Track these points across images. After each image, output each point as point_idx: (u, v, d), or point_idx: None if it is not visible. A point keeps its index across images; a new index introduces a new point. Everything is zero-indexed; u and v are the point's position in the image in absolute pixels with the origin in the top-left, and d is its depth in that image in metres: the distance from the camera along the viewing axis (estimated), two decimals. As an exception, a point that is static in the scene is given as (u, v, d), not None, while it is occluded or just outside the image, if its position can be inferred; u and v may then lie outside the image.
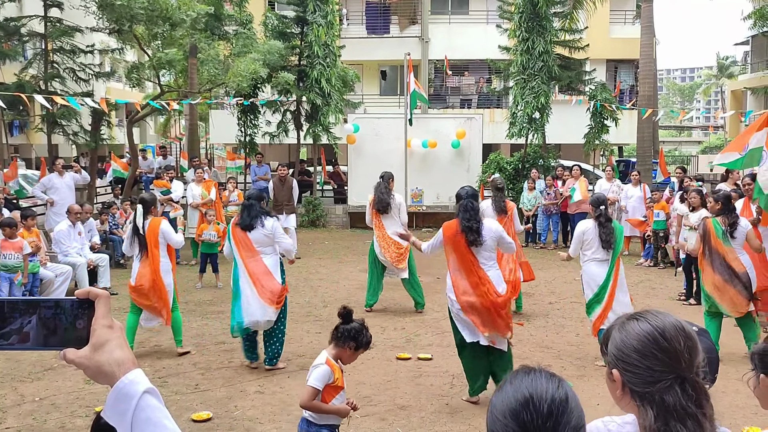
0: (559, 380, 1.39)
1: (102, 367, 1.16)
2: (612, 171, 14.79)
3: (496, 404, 1.39)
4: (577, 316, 8.87)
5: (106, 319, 1.19)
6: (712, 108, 77.38)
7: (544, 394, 1.34)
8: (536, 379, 1.38)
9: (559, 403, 1.33)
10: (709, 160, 28.58)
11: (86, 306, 1.20)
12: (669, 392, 1.52)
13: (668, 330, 1.57)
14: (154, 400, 1.16)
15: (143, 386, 1.15)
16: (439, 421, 5.55)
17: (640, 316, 1.62)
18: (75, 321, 1.19)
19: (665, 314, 1.63)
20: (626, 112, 21.10)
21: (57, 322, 1.19)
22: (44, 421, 5.48)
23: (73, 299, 1.20)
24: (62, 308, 1.19)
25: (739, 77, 43.75)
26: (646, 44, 17.71)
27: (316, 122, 17.94)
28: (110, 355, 1.17)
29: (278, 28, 18.25)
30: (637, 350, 1.56)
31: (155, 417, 1.14)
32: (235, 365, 6.90)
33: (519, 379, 1.40)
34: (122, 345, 1.19)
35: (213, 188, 12.54)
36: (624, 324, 1.63)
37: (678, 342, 1.56)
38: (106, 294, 1.23)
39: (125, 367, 1.16)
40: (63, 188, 12.39)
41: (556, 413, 1.32)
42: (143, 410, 1.14)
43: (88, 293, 1.20)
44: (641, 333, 1.57)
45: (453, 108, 26.98)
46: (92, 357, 1.17)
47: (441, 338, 7.91)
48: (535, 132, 17.51)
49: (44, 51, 14.62)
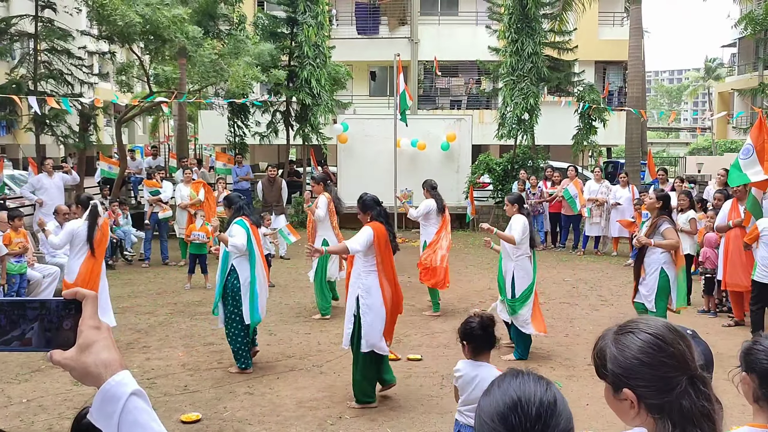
0: (547, 383, 1.37)
1: (88, 368, 1.14)
2: (600, 171, 14.84)
3: (484, 407, 1.37)
4: (566, 317, 8.91)
5: (93, 319, 1.17)
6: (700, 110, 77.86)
7: (532, 397, 1.32)
8: (524, 382, 1.36)
9: (548, 406, 1.32)
10: (697, 161, 28.73)
11: (73, 307, 1.18)
12: (685, 396, 1.50)
13: (666, 334, 1.55)
14: (141, 402, 1.14)
15: (130, 388, 1.14)
16: (429, 421, 5.55)
17: (632, 327, 1.59)
18: (62, 322, 1.17)
19: (653, 319, 1.61)
20: (614, 114, 21.19)
21: (43, 323, 1.16)
22: (32, 423, 5.44)
23: (59, 300, 1.18)
24: (48, 309, 1.17)
25: (726, 79, 44.08)
26: (635, 46, 17.79)
27: (306, 123, 17.92)
28: (97, 357, 1.15)
29: (269, 28, 18.22)
30: (645, 363, 1.53)
31: (142, 419, 1.13)
32: (224, 366, 6.87)
33: (507, 382, 1.38)
34: (109, 346, 1.17)
35: (201, 189, 12.48)
36: (618, 340, 1.59)
37: (678, 343, 1.54)
38: (94, 294, 1.21)
39: (112, 369, 1.14)
40: (52, 189, 12.32)
41: (544, 416, 1.31)
42: (130, 412, 1.12)
43: (75, 293, 1.18)
44: (643, 345, 1.54)
45: (442, 109, 27.02)
46: (79, 358, 1.15)
47: (430, 339, 7.92)
48: (524, 133, 17.55)
49: (34, 51, 14.54)
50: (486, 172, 17.69)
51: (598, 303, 9.85)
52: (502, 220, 16.42)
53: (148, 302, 9.75)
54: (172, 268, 12.38)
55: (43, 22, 14.65)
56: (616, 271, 12.28)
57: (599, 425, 5.28)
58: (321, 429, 5.38)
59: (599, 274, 12.03)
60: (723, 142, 41.84)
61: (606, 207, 13.84)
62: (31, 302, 1.18)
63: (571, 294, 10.39)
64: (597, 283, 11.26)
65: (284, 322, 8.70)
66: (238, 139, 18.82)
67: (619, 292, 10.33)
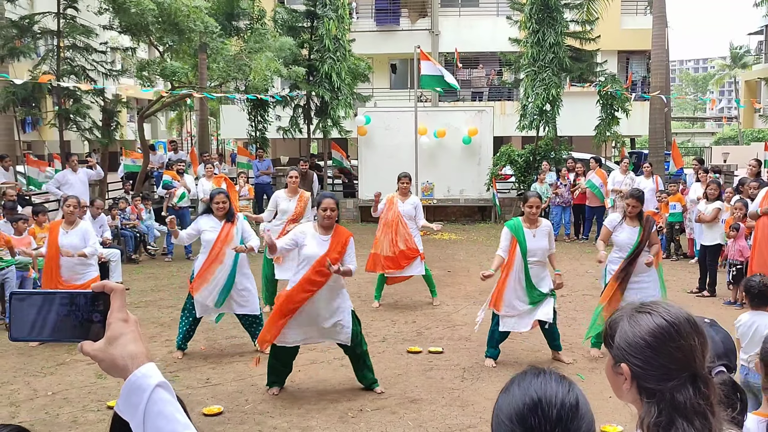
0: (569, 383, 1.32)
1: (116, 360, 1.18)
2: (627, 163, 14.66)
3: (502, 406, 1.31)
4: (589, 309, 8.80)
5: (121, 312, 1.21)
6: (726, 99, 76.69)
7: (553, 399, 1.27)
8: (546, 382, 1.30)
9: (569, 408, 1.26)
10: (723, 151, 28.31)
11: (101, 299, 1.21)
12: (681, 390, 1.45)
13: (682, 325, 1.50)
14: (166, 394, 1.16)
15: (155, 380, 1.16)
16: (450, 414, 5.53)
17: (652, 309, 1.54)
18: (91, 314, 1.21)
19: (677, 307, 1.55)
20: (638, 104, 20.92)
21: (73, 315, 1.21)
22: (57, 416, 5.51)
23: (88, 292, 1.21)
24: (78, 302, 1.21)
25: (753, 67, 43.34)
26: (658, 35, 17.54)
27: (326, 116, 17.93)
28: (124, 349, 1.18)
29: (288, 23, 18.23)
30: (650, 346, 1.48)
31: (167, 410, 1.15)
32: (246, 360, 6.90)
33: (528, 381, 1.32)
34: (136, 339, 1.20)
35: (223, 183, 12.54)
36: (634, 316, 1.54)
37: (692, 338, 1.49)
38: (122, 288, 1.24)
39: (138, 361, 1.17)
40: (77, 184, 12.45)
41: (565, 419, 1.25)
42: (155, 403, 1.14)
43: (104, 287, 1.22)
44: (655, 328, 1.49)
45: (464, 101, 26.89)
46: (107, 350, 1.18)
47: (452, 332, 7.89)
48: (546, 124, 17.40)
49: (57, 48, 14.67)
50: (508, 164, 17.57)
51: (621, 295, 9.74)
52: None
53: (171, 296, 9.82)
54: (192, 262, 12.44)
55: (66, 19, 14.78)
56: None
57: (622, 418, 5.22)
58: (342, 421, 5.39)
59: (623, 265, 11.89)
60: (749, 132, 41.20)
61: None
62: (61, 294, 1.22)
63: (594, 286, 10.28)
64: (620, 274, 11.14)
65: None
66: (258, 133, 18.88)
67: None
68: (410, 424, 5.33)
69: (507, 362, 6.83)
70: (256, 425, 5.32)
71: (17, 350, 7.17)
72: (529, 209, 6.60)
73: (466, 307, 9.05)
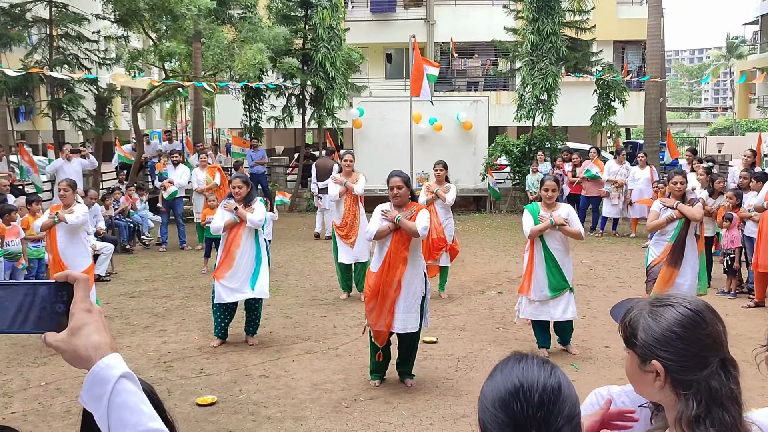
0: (552, 367, 1.31)
1: (78, 351, 1.14)
2: (624, 155, 14.61)
3: (486, 393, 1.31)
4: (583, 299, 8.82)
5: (84, 302, 1.18)
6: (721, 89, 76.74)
7: (535, 383, 1.26)
8: (528, 367, 1.30)
9: (551, 392, 1.26)
10: (717, 141, 28.34)
11: (65, 289, 1.18)
12: (715, 377, 1.47)
13: (705, 312, 1.51)
14: (130, 385, 1.13)
15: (119, 370, 1.13)
16: (444, 404, 5.53)
17: (671, 301, 1.55)
18: (54, 305, 1.18)
19: (692, 296, 1.58)
20: (633, 94, 20.88)
21: (35, 306, 1.17)
22: (50, 406, 5.49)
23: (51, 283, 1.18)
24: (41, 292, 1.18)
25: (749, 57, 43.30)
26: (654, 24, 17.50)
27: (321, 106, 17.87)
28: (87, 339, 1.15)
29: (282, 12, 18.13)
30: (681, 337, 1.49)
31: (131, 401, 1.12)
32: (240, 350, 6.89)
33: (510, 366, 1.32)
34: (100, 329, 1.16)
35: (217, 173, 12.51)
36: (655, 311, 1.55)
37: (716, 324, 1.51)
38: (86, 277, 1.21)
39: (102, 352, 1.14)
40: (71, 174, 12.37)
41: (547, 403, 1.25)
42: (119, 394, 1.12)
43: (67, 276, 1.19)
44: (682, 318, 1.50)
45: (459, 91, 26.82)
46: (69, 341, 1.15)
47: (446, 321, 7.89)
48: (543, 113, 17.36)
49: (49, 36, 14.57)
50: (503, 154, 17.55)
51: (615, 285, 9.76)
52: (520, 202, 16.32)
53: (165, 286, 9.79)
54: (189, 252, 12.44)
55: (57, 7, 14.67)
56: (634, 252, 12.15)
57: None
58: (336, 411, 5.38)
59: (617, 255, 11.92)
60: (744, 122, 41.24)
61: (624, 189, 13.78)
62: (23, 285, 1.18)
63: (589, 276, 10.31)
64: (615, 264, 11.16)
65: (300, 305, 8.71)
66: (253, 123, 18.81)
67: (637, 274, 10.21)
68: (404, 414, 5.33)
69: (502, 352, 6.83)
70: (249, 415, 5.31)
71: (10, 340, 7.14)
72: (545, 193, 6.52)
73: (461, 297, 9.05)
